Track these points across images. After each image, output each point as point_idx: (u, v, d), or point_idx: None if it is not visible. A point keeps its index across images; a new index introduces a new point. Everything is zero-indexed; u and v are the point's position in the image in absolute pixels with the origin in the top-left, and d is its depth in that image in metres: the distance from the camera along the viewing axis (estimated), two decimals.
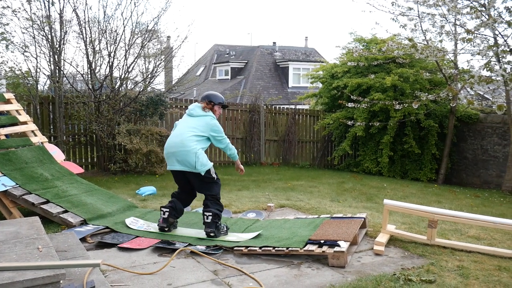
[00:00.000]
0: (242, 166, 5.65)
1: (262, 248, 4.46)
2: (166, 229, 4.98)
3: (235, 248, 4.54)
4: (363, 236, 5.15)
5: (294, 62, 32.34)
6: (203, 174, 4.87)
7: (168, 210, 4.97)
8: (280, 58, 33.03)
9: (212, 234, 4.80)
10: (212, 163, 5.01)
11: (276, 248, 4.43)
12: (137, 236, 4.92)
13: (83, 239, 4.71)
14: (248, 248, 4.49)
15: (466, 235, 5.48)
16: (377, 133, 12.35)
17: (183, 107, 12.09)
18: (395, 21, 11.51)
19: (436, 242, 4.90)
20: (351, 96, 12.07)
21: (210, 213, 4.82)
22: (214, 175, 5.00)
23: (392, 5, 11.19)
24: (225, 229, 4.97)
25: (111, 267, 3.97)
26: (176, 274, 3.93)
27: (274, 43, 35.07)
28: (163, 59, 11.72)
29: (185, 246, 4.58)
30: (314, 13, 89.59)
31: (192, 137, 4.90)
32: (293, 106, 14.33)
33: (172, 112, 11.47)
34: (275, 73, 32.35)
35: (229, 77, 33.11)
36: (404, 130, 12.28)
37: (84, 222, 5.26)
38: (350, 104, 11.76)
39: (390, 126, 12.04)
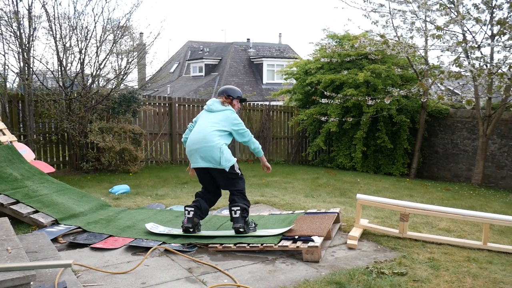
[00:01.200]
0: (268, 164, 5.25)
1: (237, 245, 4.47)
2: (191, 229, 4.76)
3: (209, 246, 4.54)
4: (337, 231, 5.21)
5: (268, 58, 32.39)
6: (227, 170, 4.71)
7: (193, 209, 4.78)
8: (254, 55, 33.05)
9: (241, 230, 4.62)
10: (235, 159, 4.86)
11: (250, 245, 4.44)
12: (111, 236, 4.86)
13: (54, 240, 4.63)
14: (223, 245, 4.48)
15: (436, 227, 5.59)
16: (350, 128, 12.47)
17: (157, 104, 12.00)
18: (367, 18, 11.68)
19: (408, 235, 4.99)
20: (325, 92, 12.17)
21: (238, 208, 4.65)
22: (238, 171, 4.85)
23: (364, 1, 11.33)
24: (254, 225, 4.82)
25: (84, 267, 3.92)
26: (150, 273, 3.90)
27: (248, 39, 35.07)
28: (136, 55, 11.59)
29: (159, 245, 4.55)
30: (288, 10, 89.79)
31: (214, 132, 4.77)
32: (267, 103, 14.35)
33: (146, 109, 11.36)
34: (249, 70, 32.36)
35: (203, 73, 32.97)
36: (377, 125, 12.44)
37: (55, 222, 5.17)
38: (323, 100, 11.86)
39: (363, 121, 12.18)
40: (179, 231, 4.86)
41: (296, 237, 4.48)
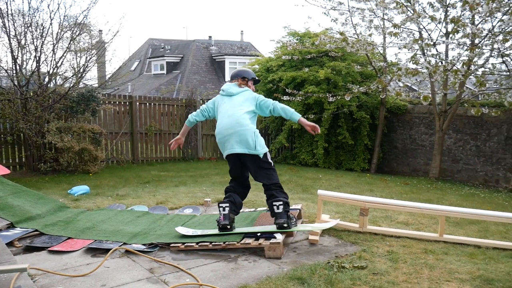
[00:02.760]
0: (311, 123, 4.79)
1: (199, 244, 4.45)
2: (229, 226, 4.56)
3: (171, 245, 4.50)
4: None
5: (230, 56, 32.34)
6: (261, 156, 4.60)
7: (227, 205, 4.59)
8: (216, 52, 32.92)
9: (285, 225, 4.43)
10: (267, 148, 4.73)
11: (213, 243, 4.43)
12: (69, 238, 4.76)
13: (10, 244, 4.49)
14: (185, 244, 4.46)
15: (395, 221, 5.73)
16: None
17: (117, 103, 11.79)
18: (327, 15, 11.81)
19: (368, 229, 5.09)
20: (286, 89, 12.25)
21: (281, 202, 4.48)
22: (270, 160, 4.72)
23: None
24: (294, 219, 4.68)
25: (41, 271, 3.82)
26: (110, 275, 3.84)
27: (210, 37, 34.91)
28: (95, 53, 11.35)
29: (120, 246, 4.48)
30: (249, 7, 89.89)
31: (245, 115, 4.64)
32: None
33: (106, 108, 11.16)
34: (211, 67, 32.22)
35: (164, 71, 32.61)
36: (338, 122, 12.62)
37: (11, 226, 5.01)
38: (285, 97, 11.93)
39: (324, 118, 12.32)
40: (214, 231, 4.69)
41: (259, 234, 4.50)
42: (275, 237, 4.35)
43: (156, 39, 38.28)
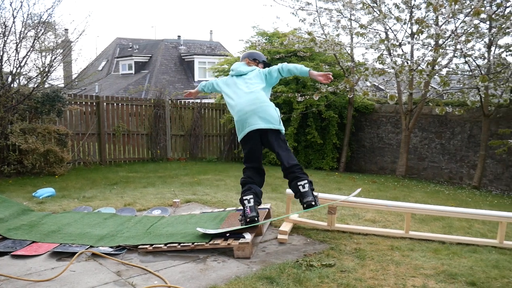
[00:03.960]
0: (321, 72, 4.69)
1: (168, 245, 4.41)
2: (256, 218, 4.41)
3: (139, 247, 4.44)
4: (268, 226, 5.27)
5: (199, 56, 32.21)
6: (283, 133, 4.58)
7: (252, 196, 4.45)
8: (185, 52, 32.72)
9: (313, 203, 4.33)
10: None
11: (181, 244, 4.40)
12: (34, 242, 4.63)
13: None
14: (153, 246, 4.41)
15: (363, 219, 5.81)
16: None
17: (84, 103, 11.58)
18: (295, 16, 11.92)
19: (336, 227, 5.15)
20: None
21: (306, 181, 4.38)
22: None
23: None
24: (318, 197, 4.56)
25: (4, 276, 3.72)
26: (76, 279, 3.76)
27: (179, 36, 34.67)
28: (60, 53, 11.11)
29: (86, 249, 4.40)
30: (218, 7, 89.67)
31: (262, 92, 4.60)
32: (199, 100, 14.26)
33: (72, 109, 10.93)
34: (180, 67, 32.01)
35: (133, 71, 32.21)
36: (307, 121, 12.72)
37: None
38: None
39: (293, 117, 12.41)
40: (239, 225, 4.53)
41: (227, 234, 4.49)
42: (244, 237, 4.35)
43: (124, 39, 37.78)
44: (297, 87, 12.54)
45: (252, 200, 4.45)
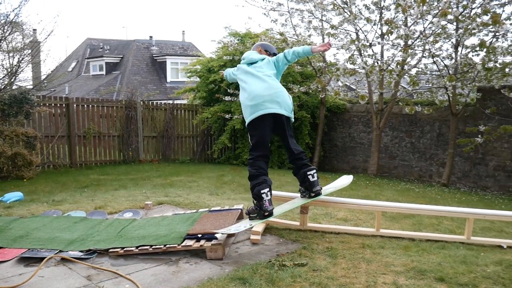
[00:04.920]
0: (322, 44, 4.83)
1: (139, 248, 4.35)
2: (273, 211, 4.50)
3: (110, 251, 4.38)
4: None
5: (171, 56, 31.99)
6: (292, 120, 4.65)
7: (269, 189, 4.47)
8: (157, 53, 32.44)
9: (321, 192, 4.56)
10: None
11: (153, 247, 4.35)
12: (1, 247, 4.52)
13: None
14: (124, 249, 4.35)
15: (335, 218, 5.86)
16: None
17: (53, 105, 11.36)
18: (267, 16, 11.98)
19: (308, 227, 5.18)
20: (228, 90, 12.25)
21: (314, 171, 4.48)
22: None
23: (264, 0, 11.56)
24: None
25: None
26: (45, 284, 3.69)
27: (151, 37, 34.35)
28: (28, 53, 10.88)
29: (55, 253, 4.31)
30: (191, 7, 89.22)
31: (275, 79, 4.64)
32: (171, 101, 14.16)
33: (40, 111, 10.70)
34: (152, 68, 31.72)
35: (104, 72, 31.76)
36: None
37: None
38: (227, 98, 11.95)
39: None
40: (256, 222, 4.51)
41: (200, 235, 4.47)
42: (216, 238, 4.34)
43: (94, 39, 37.21)
44: None
45: (269, 194, 4.49)
